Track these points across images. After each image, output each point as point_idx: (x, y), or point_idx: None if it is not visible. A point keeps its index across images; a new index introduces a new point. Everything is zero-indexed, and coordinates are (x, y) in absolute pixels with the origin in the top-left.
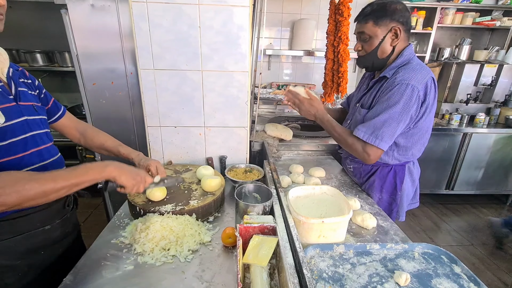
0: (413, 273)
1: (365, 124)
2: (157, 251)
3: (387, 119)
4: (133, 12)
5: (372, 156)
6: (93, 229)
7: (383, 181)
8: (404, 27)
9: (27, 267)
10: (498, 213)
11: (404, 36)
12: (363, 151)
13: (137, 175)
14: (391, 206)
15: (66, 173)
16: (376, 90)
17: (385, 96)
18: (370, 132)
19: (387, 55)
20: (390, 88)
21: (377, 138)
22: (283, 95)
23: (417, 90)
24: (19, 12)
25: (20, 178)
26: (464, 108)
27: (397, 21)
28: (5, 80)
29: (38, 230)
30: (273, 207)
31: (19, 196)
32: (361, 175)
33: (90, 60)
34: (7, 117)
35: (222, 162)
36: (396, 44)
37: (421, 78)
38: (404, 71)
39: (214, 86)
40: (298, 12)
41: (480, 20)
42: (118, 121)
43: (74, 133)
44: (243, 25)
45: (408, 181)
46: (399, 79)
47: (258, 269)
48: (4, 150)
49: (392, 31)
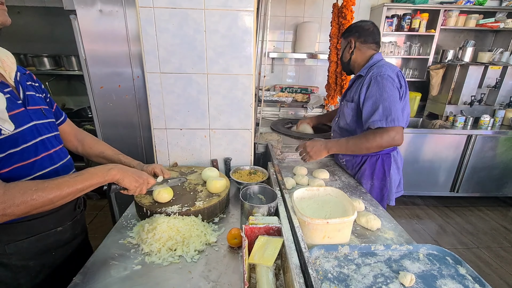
0: (418, 274)
1: (373, 117)
2: (164, 251)
3: (390, 103)
4: (141, 17)
5: (398, 135)
6: (99, 231)
7: (373, 168)
8: (360, 39)
9: (40, 267)
10: (504, 216)
11: (362, 46)
12: (390, 137)
13: (139, 177)
14: (382, 191)
15: (71, 179)
16: (356, 86)
17: (371, 89)
18: (384, 118)
19: (347, 59)
20: (373, 82)
21: (394, 120)
22: (297, 152)
23: (392, 78)
24: (27, 18)
25: (27, 188)
26: (469, 110)
27: (353, 36)
28: (13, 85)
29: (51, 231)
30: (278, 208)
31: (27, 206)
32: (353, 166)
33: (98, 64)
34: (17, 124)
35: (227, 164)
36: (351, 52)
37: (391, 70)
38: (376, 68)
39: (219, 88)
40: (301, 15)
41: (483, 22)
42: (124, 124)
43: (73, 140)
44: (248, 29)
45: (394, 168)
46: (375, 73)
47: (264, 269)
48: (17, 156)
49: (349, 43)
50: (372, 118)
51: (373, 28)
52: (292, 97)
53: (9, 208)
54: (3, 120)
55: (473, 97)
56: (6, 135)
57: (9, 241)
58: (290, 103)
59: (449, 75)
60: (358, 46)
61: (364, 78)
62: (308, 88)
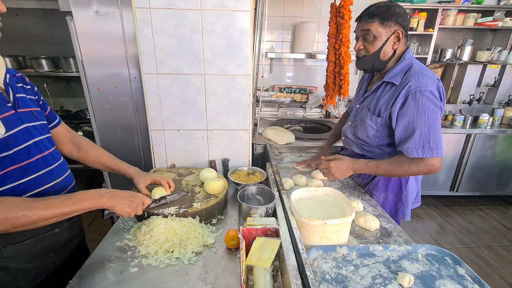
0: (416, 274)
1: (407, 143)
2: (161, 253)
3: (429, 129)
4: (137, 18)
5: (436, 165)
6: (97, 233)
7: (388, 180)
8: (405, 31)
9: (38, 270)
10: (504, 215)
11: (404, 40)
12: (426, 168)
13: (132, 202)
14: (397, 206)
15: (60, 201)
16: (382, 94)
17: (409, 107)
18: (421, 147)
19: (388, 57)
20: (410, 98)
21: (432, 149)
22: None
23: (434, 95)
24: (25, 20)
25: (13, 205)
26: (468, 109)
27: (400, 25)
28: (2, 87)
29: (48, 233)
30: (276, 209)
31: (8, 224)
32: (365, 176)
33: (95, 66)
34: (8, 127)
35: (225, 164)
36: (397, 48)
37: (432, 82)
38: (414, 77)
39: (217, 89)
40: (299, 15)
41: (482, 20)
42: (122, 125)
43: (68, 143)
44: (244, 29)
45: (412, 179)
46: (414, 87)
47: (261, 271)
48: (10, 159)
49: (395, 34)
50: (407, 145)
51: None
52: (290, 97)
53: None
54: None
55: (472, 96)
56: None
57: (6, 244)
58: (289, 103)
59: (447, 74)
60: (403, 39)
61: (398, 90)
62: (307, 88)
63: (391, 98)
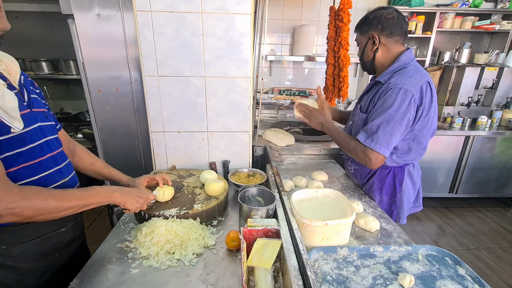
0: (417, 275)
1: (365, 128)
2: (162, 255)
3: (382, 122)
4: (138, 21)
5: (373, 160)
6: (97, 235)
7: (383, 182)
8: (385, 32)
9: (44, 269)
10: (503, 216)
11: (389, 40)
12: (364, 155)
13: (140, 197)
14: (391, 208)
15: (79, 192)
16: (373, 93)
17: (380, 100)
18: (367, 135)
19: (370, 59)
20: (384, 93)
21: (373, 141)
22: (294, 108)
23: (411, 94)
24: (25, 22)
25: (40, 192)
26: (466, 111)
27: (375, 29)
28: (18, 88)
29: (54, 232)
30: (277, 211)
31: (35, 210)
32: (362, 177)
33: (96, 68)
34: (24, 124)
35: (225, 166)
36: (375, 49)
37: (415, 83)
38: (398, 76)
39: (217, 91)
40: (298, 18)
41: (479, 24)
42: (122, 127)
43: (65, 149)
44: (244, 31)
45: (408, 183)
46: (392, 84)
47: (262, 272)
48: (25, 155)
49: (370, 38)
50: (362, 129)
51: (398, 15)
52: (290, 99)
53: (19, 207)
54: (13, 118)
55: (470, 98)
56: (15, 133)
57: (14, 243)
58: (289, 106)
59: (446, 77)
60: (383, 41)
61: (381, 86)
62: (306, 90)
63: (375, 95)
